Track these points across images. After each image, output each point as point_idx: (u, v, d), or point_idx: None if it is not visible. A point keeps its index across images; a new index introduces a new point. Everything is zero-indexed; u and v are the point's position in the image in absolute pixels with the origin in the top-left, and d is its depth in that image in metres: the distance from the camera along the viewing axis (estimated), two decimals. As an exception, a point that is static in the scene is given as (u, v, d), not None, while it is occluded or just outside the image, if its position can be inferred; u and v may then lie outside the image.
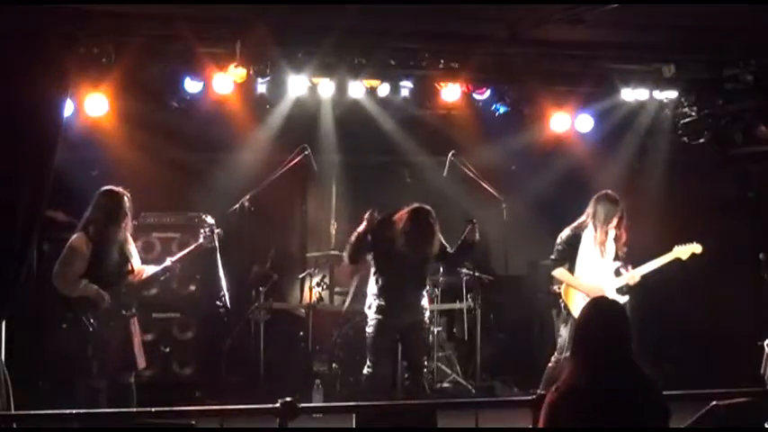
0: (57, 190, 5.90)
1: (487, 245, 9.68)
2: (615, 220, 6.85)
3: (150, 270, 6.28)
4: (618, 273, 6.98)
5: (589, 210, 6.92)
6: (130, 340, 6.08)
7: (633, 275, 6.99)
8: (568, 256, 6.87)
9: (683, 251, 6.99)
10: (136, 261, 6.22)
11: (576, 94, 8.50)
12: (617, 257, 6.96)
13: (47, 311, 7.57)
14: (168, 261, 6.31)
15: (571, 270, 6.88)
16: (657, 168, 9.02)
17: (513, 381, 8.69)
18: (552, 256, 6.95)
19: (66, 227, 7.62)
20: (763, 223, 8.23)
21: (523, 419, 4.50)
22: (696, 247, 6.99)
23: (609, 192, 6.95)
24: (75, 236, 5.96)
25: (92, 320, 5.85)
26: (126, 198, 6.03)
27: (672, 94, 8.38)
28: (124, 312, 6.04)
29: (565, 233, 6.94)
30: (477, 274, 9.00)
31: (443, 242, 6.68)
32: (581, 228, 6.91)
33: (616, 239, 6.91)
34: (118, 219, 5.98)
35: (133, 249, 6.22)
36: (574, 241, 6.87)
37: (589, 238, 6.87)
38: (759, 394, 4.77)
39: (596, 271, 6.88)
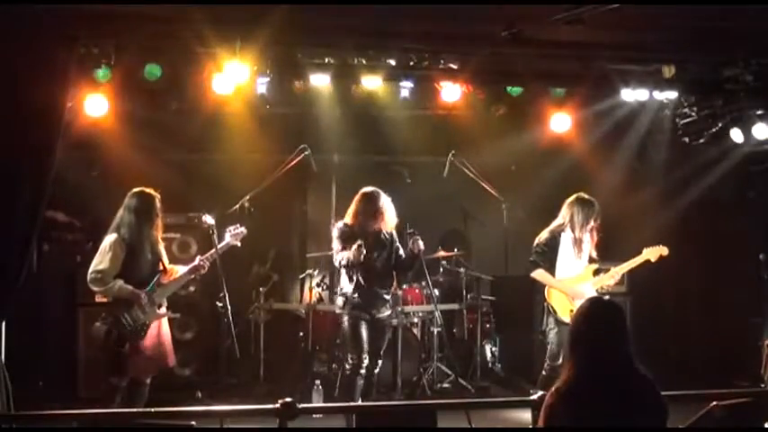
0: (57, 190, 5.91)
1: (487, 245, 9.71)
2: (593, 222, 6.90)
3: (180, 270, 6.33)
4: (596, 273, 7.04)
5: (566, 213, 6.96)
6: (164, 339, 6.17)
7: (609, 276, 7.05)
8: (548, 258, 6.92)
9: (652, 252, 7.04)
10: (166, 261, 6.29)
11: (576, 94, 8.50)
12: (591, 259, 7.01)
13: (47, 311, 7.60)
14: (197, 260, 6.38)
15: (551, 273, 6.92)
16: (657, 168, 9.02)
17: (512, 381, 8.70)
18: (531, 258, 6.98)
19: (66, 227, 7.65)
20: (763, 223, 8.23)
21: (523, 419, 4.51)
22: (663, 249, 7.05)
23: (584, 195, 7.00)
24: (108, 237, 6.04)
25: (129, 319, 5.91)
26: (157, 199, 6.10)
27: (672, 95, 8.36)
28: (158, 311, 6.09)
29: (543, 236, 6.98)
30: (477, 274, 9.01)
31: (399, 247, 7.04)
32: (559, 231, 6.95)
33: (590, 241, 6.97)
34: (150, 219, 6.07)
35: (163, 251, 6.28)
36: (553, 244, 6.92)
37: (567, 240, 6.92)
38: (759, 394, 4.78)
39: (575, 273, 6.94)
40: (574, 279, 6.93)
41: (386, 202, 6.98)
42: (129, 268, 6.00)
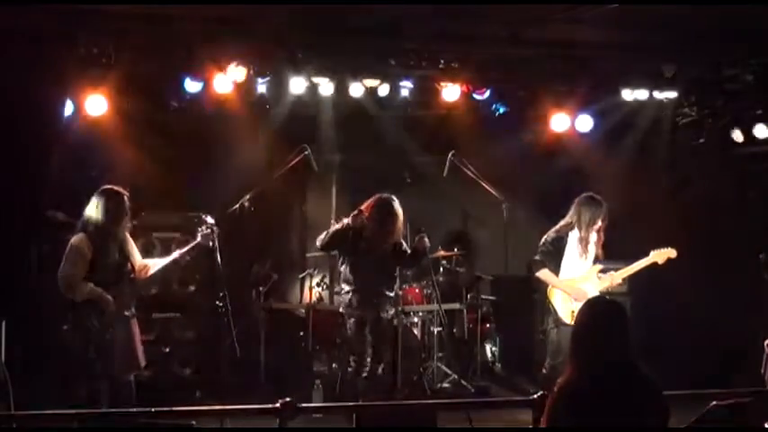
0: (57, 190, 5.91)
1: (487, 245, 9.72)
2: (600, 223, 6.87)
3: (159, 263, 6.29)
4: (601, 274, 7.00)
5: (573, 212, 6.91)
6: (132, 340, 6.10)
7: (614, 277, 7.00)
8: (553, 258, 6.88)
9: (660, 255, 7.00)
10: (137, 259, 6.23)
11: (576, 94, 8.50)
12: (596, 260, 6.98)
13: (47, 311, 7.59)
14: (176, 253, 6.33)
15: (556, 272, 6.88)
16: (657, 168, 9.01)
17: (512, 381, 8.70)
18: (536, 257, 6.92)
19: (66, 227, 7.63)
20: (763, 223, 8.22)
21: (523, 419, 4.50)
22: (671, 252, 7.00)
23: (593, 194, 6.95)
24: (75, 237, 5.94)
25: (94, 321, 5.86)
26: (125, 197, 6.03)
27: (672, 94, 8.37)
28: (126, 313, 6.05)
29: (550, 235, 6.92)
30: (477, 274, 9.01)
31: (403, 243, 7.11)
32: (566, 230, 6.91)
33: (597, 242, 6.93)
34: (118, 218, 5.98)
35: (133, 248, 6.22)
36: (559, 244, 6.87)
37: (574, 240, 6.88)
38: (759, 394, 4.77)
39: (580, 273, 6.90)
40: (578, 279, 6.88)
41: (398, 210, 6.97)
42: (96, 268, 5.89)
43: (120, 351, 5.97)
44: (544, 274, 6.88)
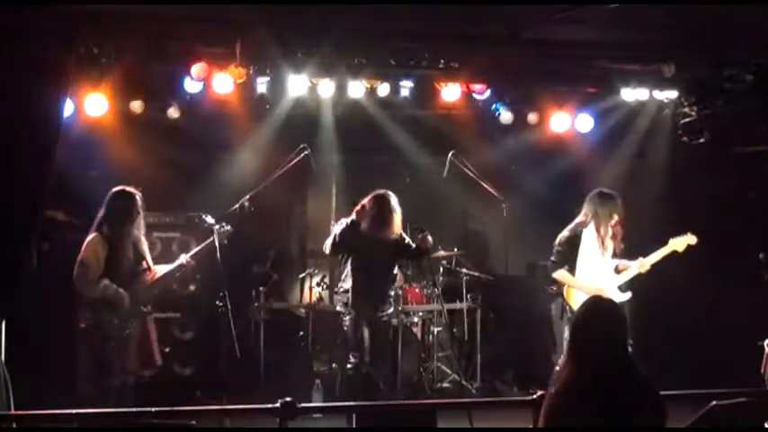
0: (57, 190, 5.91)
1: (487, 245, 9.71)
2: (616, 217, 6.80)
3: (164, 269, 6.32)
4: (617, 270, 6.94)
5: (587, 209, 6.84)
6: (149, 337, 6.15)
7: (632, 270, 6.90)
8: (568, 257, 6.80)
9: (679, 243, 6.93)
10: (149, 260, 6.27)
11: (575, 94, 8.49)
12: (615, 255, 6.91)
13: (47, 310, 7.60)
14: (182, 258, 6.36)
15: (572, 271, 6.81)
16: (657, 168, 9.01)
17: (513, 381, 8.70)
18: (552, 258, 6.86)
19: (66, 227, 7.65)
20: (763, 223, 8.21)
21: (523, 419, 4.51)
22: (691, 238, 6.92)
23: (605, 190, 6.89)
24: (90, 237, 6.01)
25: (114, 319, 5.91)
26: (138, 198, 6.10)
27: (672, 94, 8.36)
28: (142, 310, 6.09)
29: (564, 234, 6.86)
30: (477, 274, 9.01)
31: (407, 238, 7.16)
32: (580, 228, 6.84)
33: (613, 237, 6.86)
34: (131, 218, 6.06)
35: (146, 249, 6.27)
36: (574, 242, 6.79)
37: (590, 237, 6.79)
38: (759, 394, 4.77)
39: (597, 270, 6.83)
40: (596, 277, 6.78)
41: (396, 206, 7.00)
42: (111, 267, 5.98)
43: (136, 348, 6.03)
44: (560, 275, 6.81)
